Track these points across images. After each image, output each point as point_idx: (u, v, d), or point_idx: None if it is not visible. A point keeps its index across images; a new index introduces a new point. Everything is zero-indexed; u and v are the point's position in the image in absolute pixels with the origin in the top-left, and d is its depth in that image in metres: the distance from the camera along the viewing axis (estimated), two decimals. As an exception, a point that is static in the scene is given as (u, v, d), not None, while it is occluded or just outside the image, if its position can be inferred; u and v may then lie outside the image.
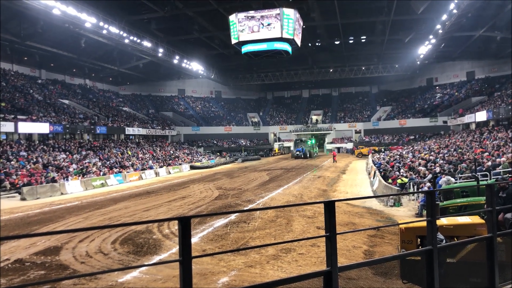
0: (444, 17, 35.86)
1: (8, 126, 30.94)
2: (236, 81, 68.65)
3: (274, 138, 68.64)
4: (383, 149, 49.71)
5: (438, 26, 38.38)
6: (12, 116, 32.13)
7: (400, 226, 7.84)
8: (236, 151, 62.21)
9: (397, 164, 26.63)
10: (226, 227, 12.71)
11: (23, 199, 21.72)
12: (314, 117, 70.64)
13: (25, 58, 45.34)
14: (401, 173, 21.60)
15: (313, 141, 61.31)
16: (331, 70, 63.11)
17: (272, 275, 8.32)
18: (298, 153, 52.35)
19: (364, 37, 49.51)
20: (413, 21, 41.62)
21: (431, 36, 42.21)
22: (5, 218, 14.92)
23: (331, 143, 64.39)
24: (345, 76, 63.28)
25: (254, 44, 31.62)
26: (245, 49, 32.32)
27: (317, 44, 52.02)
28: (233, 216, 14.07)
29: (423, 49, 47.63)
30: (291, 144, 68.24)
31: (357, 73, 62.24)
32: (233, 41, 32.03)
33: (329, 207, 3.63)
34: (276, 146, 66.70)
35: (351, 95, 74.96)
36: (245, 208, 17.07)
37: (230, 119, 69.59)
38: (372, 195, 20.79)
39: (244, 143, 65.30)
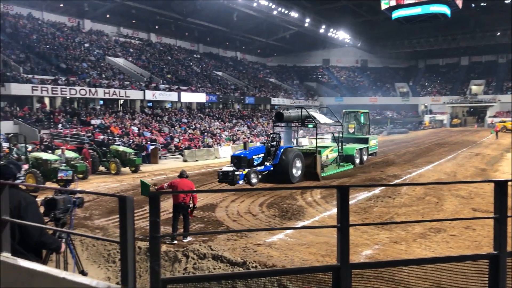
0: None
1: (173, 96, 35.24)
2: (384, 49, 64.90)
3: (424, 110, 63.45)
4: None
5: None
6: (176, 87, 36.31)
7: None
8: (381, 123, 59.37)
9: None
10: (369, 201, 12.44)
11: (184, 160, 24.63)
12: (474, 87, 62.73)
13: (186, 34, 50.27)
14: None
15: (362, 118, 24.24)
16: (498, 34, 54.74)
17: (419, 253, 7.91)
18: (222, 173, 14.81)
19: (546, -9, 41.56)
20: None
21: None
22: (172, 176, 17.13)
23: (495, 116, 56.63)
24: (516, 39, 54.39)
25: (407, 8, 29.25)
26: (396, 14, 30.18)
27: (482, 4, 45.48)
28: (377, 190, 13.68)
29: None
30: (444, 117, 62.08)
31: (533, 35, 52.84)
32: (383, 6, 30.20)
33: (501, 187, 3.29)
34: (426, 119, 61.56)
35: (523, 62, 64.29)
36: (392, 183, 16.48)
37: (376, 90, 66.49)
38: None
39: (390, 115, 61.87)
